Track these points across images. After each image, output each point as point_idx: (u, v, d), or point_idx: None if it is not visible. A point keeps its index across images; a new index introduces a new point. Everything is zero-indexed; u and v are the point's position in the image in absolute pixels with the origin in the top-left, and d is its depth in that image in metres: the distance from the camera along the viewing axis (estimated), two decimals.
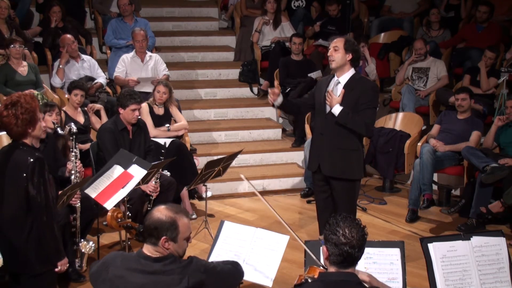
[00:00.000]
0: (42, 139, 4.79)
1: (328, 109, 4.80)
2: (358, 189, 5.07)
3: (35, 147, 3.77)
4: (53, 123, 5.01)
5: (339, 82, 4.81)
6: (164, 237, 2.93)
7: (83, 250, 4.81)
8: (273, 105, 4.92)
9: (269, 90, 4.92)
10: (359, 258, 2.88)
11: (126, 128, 5.83)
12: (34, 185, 3.60)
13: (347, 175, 4.82)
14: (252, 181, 7.24)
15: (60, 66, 7.18)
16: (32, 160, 3.60)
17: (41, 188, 3.62)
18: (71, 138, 4.89)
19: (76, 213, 4.89)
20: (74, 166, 4.87)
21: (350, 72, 4.79)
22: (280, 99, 4.86)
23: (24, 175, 3.59)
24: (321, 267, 3.11)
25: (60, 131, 5.02)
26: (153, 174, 5.31)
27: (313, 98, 5.01)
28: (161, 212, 2.96)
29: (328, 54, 4.81)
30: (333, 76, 4.87)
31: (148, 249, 2.96)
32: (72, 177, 4.88)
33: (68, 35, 7.32)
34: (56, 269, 3.82)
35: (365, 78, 5.33)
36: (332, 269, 2.89)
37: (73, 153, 4.88)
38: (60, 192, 4.64)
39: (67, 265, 3.93)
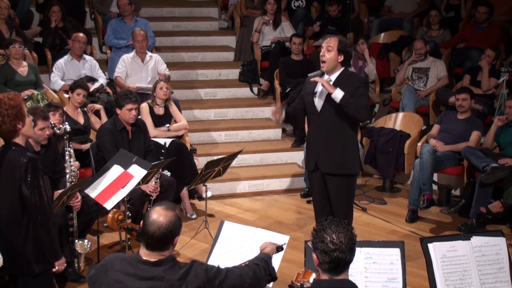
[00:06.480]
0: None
1: (320, 107, 4.80)
2: (354, 188, 5.07)
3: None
4: (51, 123, 5.01)
5: (330, 80, 4.82)
6: (177, 237, 2.88)
7: (79, 250, 4.80)
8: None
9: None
10: (351, 261, 2.81)
11: (125, 128, 5.83)
12: (27, 185, 3.60)
13: (345, 170, 4.82)
14: (252, 181, 7.36)
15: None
16: (25, 160, 3.60)
17: (34, 188, 3.62)
18: (64, 137, 4.88)
19: (72, 212, 4.89)
20: (69, 165, 4.86)
21: (340, 70, 4.82)
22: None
23: (18, 175, 3.59)
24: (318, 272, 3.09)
25: (57, 131, 5.02)
26: (153, 174, 5.31)
27: (302, 101, 5.00)
28: (164, 215, 2.85)
29: (321, 54, 4.80)
30: (323, 74, 4.88)
31: (147, 254, 2.87)
32: (67, 176, 4.86)
33: (81, 34, 7.35)
34: (54, 269, 3.82)
35: (355, 73, 5.36)
36: (325, 276, 2.81)
37: (67, 152, 4.87)
38: (60, 191, 4.64)
39: (65, 264, 3.93)
